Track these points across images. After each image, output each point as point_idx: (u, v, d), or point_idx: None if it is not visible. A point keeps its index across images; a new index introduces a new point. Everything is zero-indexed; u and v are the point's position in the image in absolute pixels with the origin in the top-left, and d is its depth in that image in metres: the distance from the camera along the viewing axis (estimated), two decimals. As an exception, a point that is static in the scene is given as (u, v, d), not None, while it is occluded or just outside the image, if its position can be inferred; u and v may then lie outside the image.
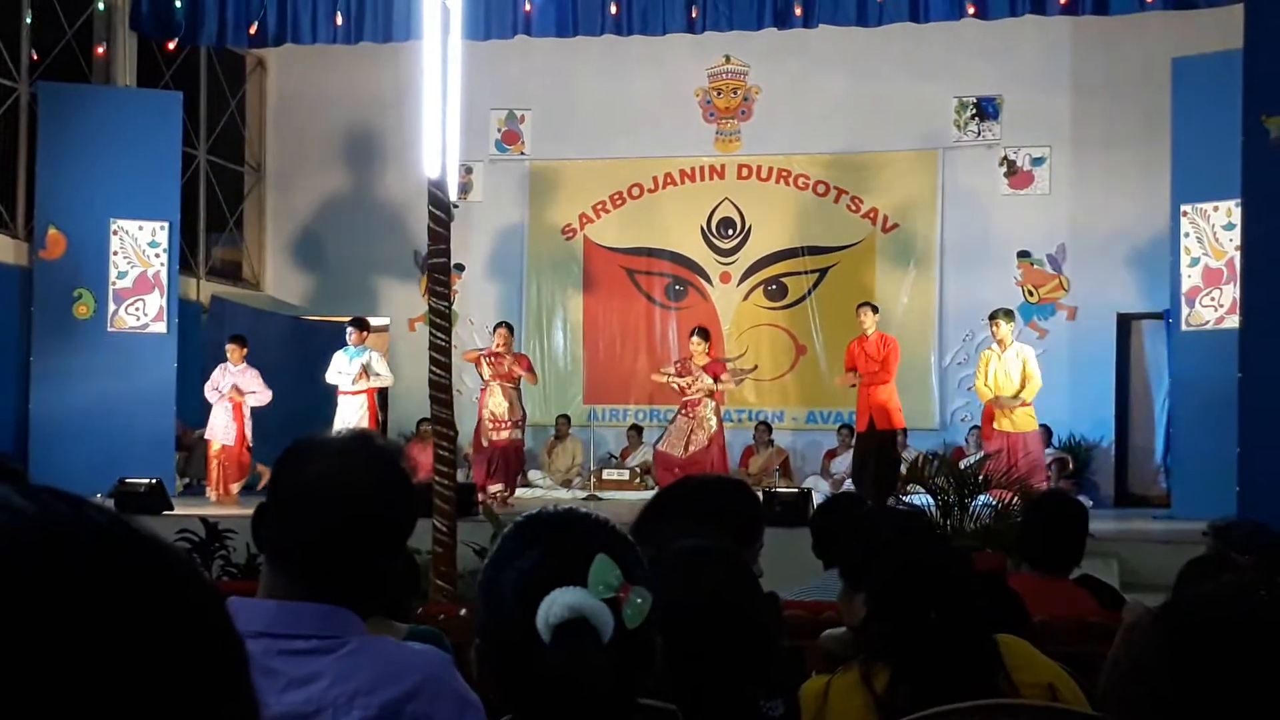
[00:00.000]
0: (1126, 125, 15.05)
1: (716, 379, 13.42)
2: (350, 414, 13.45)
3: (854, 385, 13.35)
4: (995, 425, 13.14)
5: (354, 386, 13.69)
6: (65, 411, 13.80)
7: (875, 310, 13.72)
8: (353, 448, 2.35)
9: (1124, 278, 15.64)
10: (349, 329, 14.05)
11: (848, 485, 13.55)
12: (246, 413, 13.74)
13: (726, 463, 13.73)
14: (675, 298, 17.07)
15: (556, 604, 1.54)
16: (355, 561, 2.20)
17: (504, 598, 1.63)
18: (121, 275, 14.53)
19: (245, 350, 13.92)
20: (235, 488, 13.36)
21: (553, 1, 14.41)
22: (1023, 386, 12.75)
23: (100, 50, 15.56)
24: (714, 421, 13.39)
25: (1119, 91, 15.19)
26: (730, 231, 17.17)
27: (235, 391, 13.61)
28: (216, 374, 13.82)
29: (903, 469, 12.33)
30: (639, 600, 1.57)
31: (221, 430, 13.65)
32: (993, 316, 13.34)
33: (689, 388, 13.36)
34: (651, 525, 3.33)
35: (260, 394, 13.76)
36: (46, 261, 14.35)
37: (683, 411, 13.54)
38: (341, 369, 13.73)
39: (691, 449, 13.29)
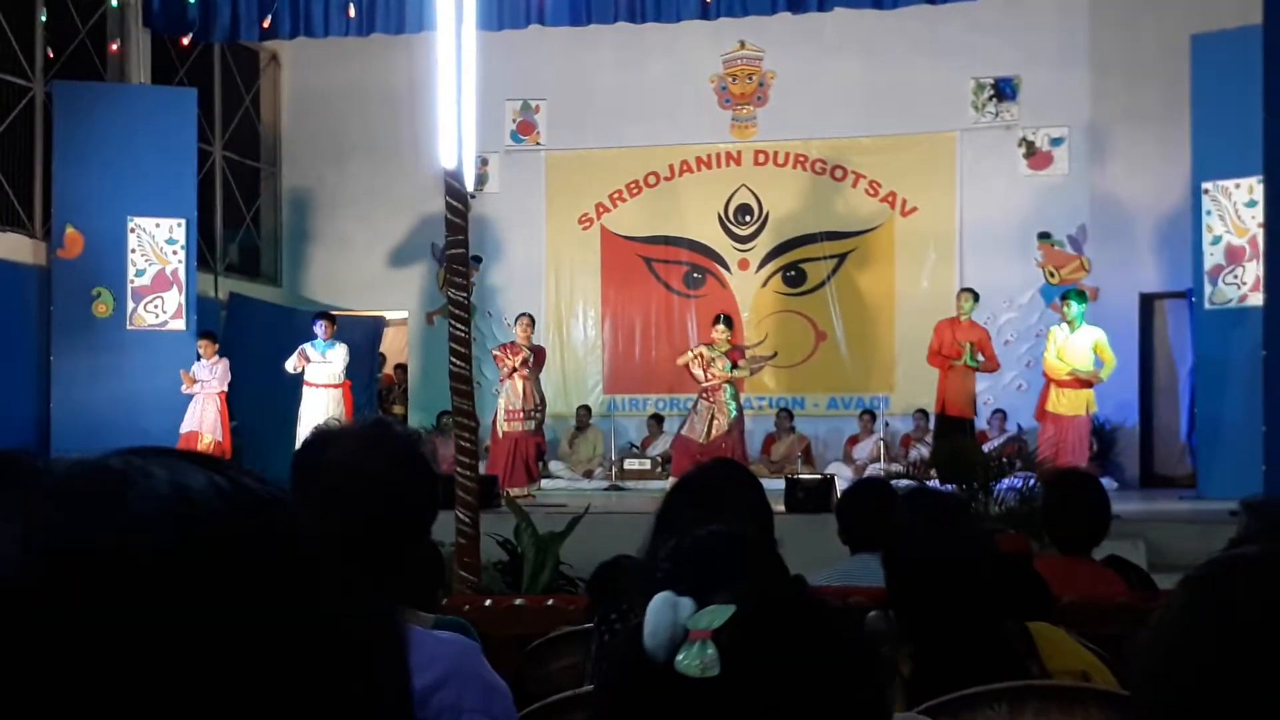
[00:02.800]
0: (1146, 103, 15.00)
1: (735, 365, 13.49)
2: (325, 407, 13.33)
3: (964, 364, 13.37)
4: (1049, 407, 13.03)
5: (325, 379, 13.76)
6: (86, 409, 13.85)
7: (976, 297, 13.84)
8: (372, 435, 2.36)
9: (1146, 257, 15.60)
10: (320, 322, 14.12)
11: (870, 470, 13.56)
12: (206, 408, 13.86)
13: (745, 448, 13.78)
14: (693, 286, 17.07)
15: (656, 598, 1.51)
16: (377, 551, 2.20)
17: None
18: (140, 273, 14.58)
19: (216, 344, 14.08)
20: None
21: (566, -11, 14.46)
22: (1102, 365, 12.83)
23: (114, 48, 15.59)
24: (734, 407, 13.44)
25: (1138, 69, 15.13)
26: (748, 218, 17.16)
27: (189, 381, 13.78)
28: (195, 366, 13.95)
29: (920, 453, 12.34)
30: (700, 653, 1.41)
31: (205, 421, 13.79)
32: (1064, 296, 13.44)
33: (706, 375, 13.38)
34: (673, 512, 3.35)
35: (216, 383, 13.87)
36: (65, 261, 14.40)
37: (704, 396, 13.58)
38: (313, 359, 13.79)
39: (714, 434, 13.32)
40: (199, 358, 13.96)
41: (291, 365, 13.77)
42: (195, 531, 0.68)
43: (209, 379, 13.82)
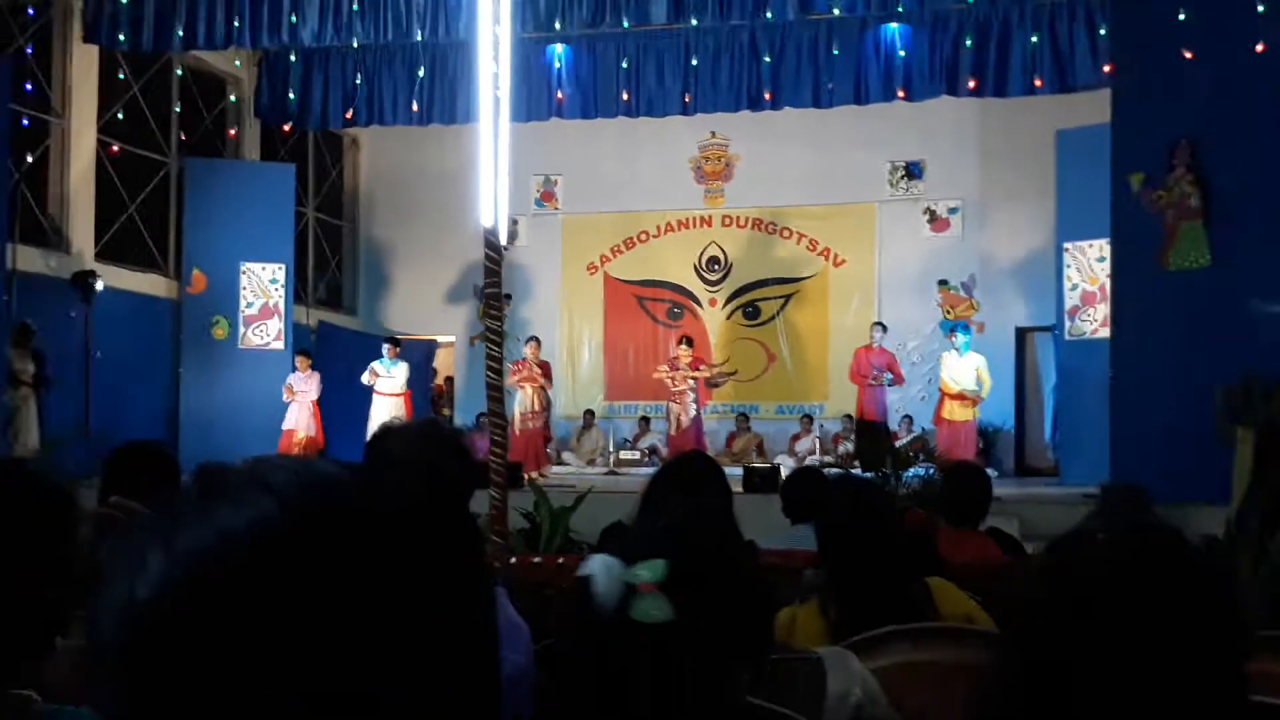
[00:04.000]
0: (1021, 182, 15.03)
1: (696, 370, 13.78)
2: (388, 412, 13.13)
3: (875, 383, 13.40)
4: (945, 415, 13.15)
5: (391, 389, 13.79)
6: (205, 410, 13.92)
7: (884, 329, 13.89)
8: (425, 430, 2.37)
9: (1020, 299, 15.64)
10: (386, 345, 14.18)
11: (808, 461, 13.58)
12: (302, 411, 13.82)
13: (703, 438, 13.86)
14: (674, 318, 17.07)
15: (594, 560, 1.49)
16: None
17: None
18: (249, 305, 14.61)
19: (310, 359, 14.09)
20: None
21: (578, 91, 14.48)
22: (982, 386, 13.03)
23: (232, 132, 15.65)
24: (694, 408, 13.66)
25: (1015, 156, 15.17)
26: (716, 267, 17.18)
27: (289, 391, 13.75)
28: (292, 377, 13.92)
29: (845, 448, 12.37)
30: (650, 604, 1.45)
31: (303, 422, 13.78)
32: (953, 329, 13.80)
33: (676, 382, 13.58)
34: (656, 492, 3.36)
35: (311, 392, 13.84)
36: (191, 295, 14.45)
37: (672, 399, 13.76)
38: (381, 374, 13.82)
39: (681, 427, 13.58)
40: (295, 370, 13.97)
41: (365, 379, 13.78)
42: (329, 494, 0.69)
43: (305, 389, 13.82)
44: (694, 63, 14.06)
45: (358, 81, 14.77)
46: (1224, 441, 8.00)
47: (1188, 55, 9.62)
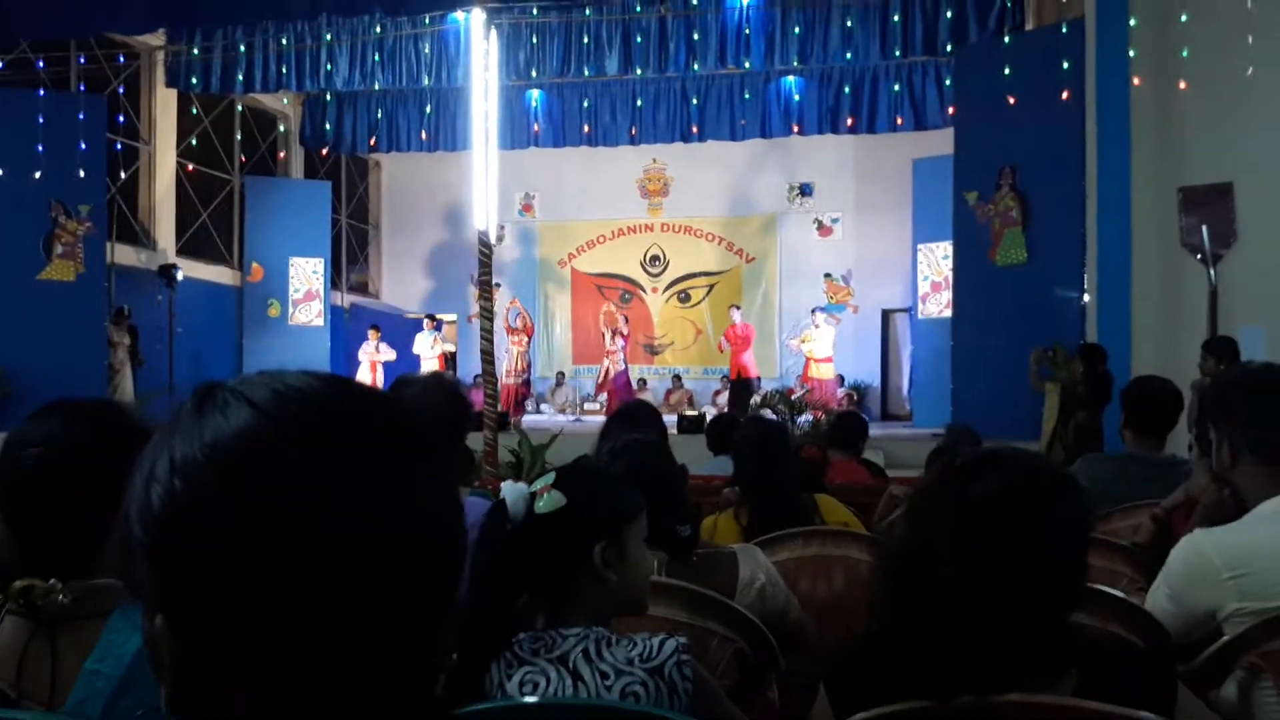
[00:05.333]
0: (888, 198, 15.06)
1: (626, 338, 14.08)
2: (429, 371, 13.49)
3: (729, 353, 13.57)
4: (811, 374, 13.31)
5: (431, 354, 13.83)
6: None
7: (738, 307, 14.06)
8: (431, 381, 2.35)
9: (886, 287, 15.70)
10: (425, 321, 14.29)
11: (725, 409, 13.65)
12: (380, 369, 13.71)
13: (630, 387, 14.13)
14: (626, 301, 16.99)
15: (501, 490, 1.50)
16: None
17: None
18: (296, 290, 14.39)
19: (379, 332, 13.96)
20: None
21: (550, 125, 14.38)
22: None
23: (281, 155, 15.39)
24: (622, 365, 13.89)
25: (882, 177, 15.21)
26: (657, 263, 17.09)
27: (375, 351, 13.69)
28: (365, 345, 13.85)
29: (755, 399, 12.44)
30: (547, 499, 1.49)
31: (366, 378, 13.66)
32: (814, 311, 13.62)
33: (610, 340, 13.94)
34: (610, 429, 3.35)
35: (388, 355, 13.80)
36: (251, 283, 14.23)
37: (606, 355, 13.97)
38: (422, 343, 13.88)
39: (609, 377, 13.85)
40: (368, 339, 13.87)
41: (415, 349, 13.87)
42: (300, 402, 0.65)
43: (376, 355, 13.73)
44: (639, 104, 13.98)
45: (379, 117, 14.58)
46: (1036, 392, 8.11)
47: (1011, 101, 9.69)
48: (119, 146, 12.11)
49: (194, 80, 12.39)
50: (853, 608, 2.73)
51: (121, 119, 12.18)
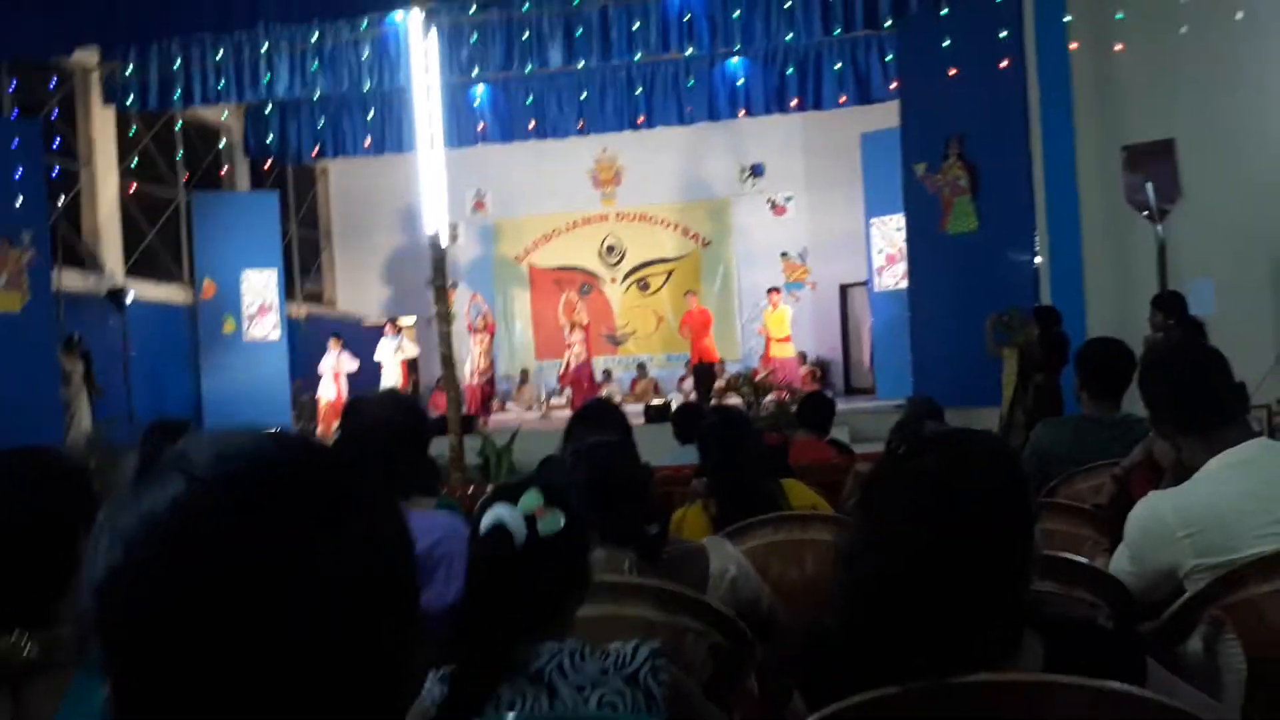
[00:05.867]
0: (837, 174, 15.09)
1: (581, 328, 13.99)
2: (391, 378, 13.56)
3: (689, 338, 13.63)
4: (772, 354, 13.39)
5: (393, 360, 13.80)
6: (222, 391, 13.54)
7: (696, 294, 14.14)
8: (385, 400, 2.34)
9: (842, 262, 15.70)
10: (386, 326, 14.26)
11: (691, 397, 13.68)
12: (343, 380, 13.64)
13: (593, 378, 14.15)
14: (585, 293, 16.86)
15: (490, 516, 1.46)
16: (397, 464, 2.18)
17: (474, 523, 1.52)
18: (250, 305, 14.18)
19: (341, 341, 13.88)
20: (334, 425, 13.18)
21: (497, 121, 14.30)
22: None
23: (226, 169, 15.18)
24: (583, 354, 13.80)
25: (832, 155, 15.24)
26: (614, 253, 17.05)
27: (336, 362, 13.61)
28: (326, 356, 13.78)
29: (719, 383, 12.51)
30: (551, 519, 1.46)
31: (328, 391, 13.57)
32: (770, 290, 13.69)
33: (571, 331, 13.88)
34: (573, 430, 3.35)
35: (351, 365, 13.74)
36: (205, 300, 14.02)
37: (568, 348, 13.91)
38: (384, 350, 13.80)
39: (571, 369, 13.79)
40: (329, 350, 13.76)
41: (377, 355, 13.83)
42: (307, 454, 0.67)
43: (338, 365, 13.64)
44: (585, 95, 13.92)
45: (323, 123, 14.42)
46: (994, 358, 8.21)
47: (953, 72, 9.76)
48: (57, 170, 11.88)
49: (131, 98, 12.18)
50: (825, 590, 2.75)
51: (58, 141, 11.95)
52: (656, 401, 12.34)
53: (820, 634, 1.40)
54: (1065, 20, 8.50)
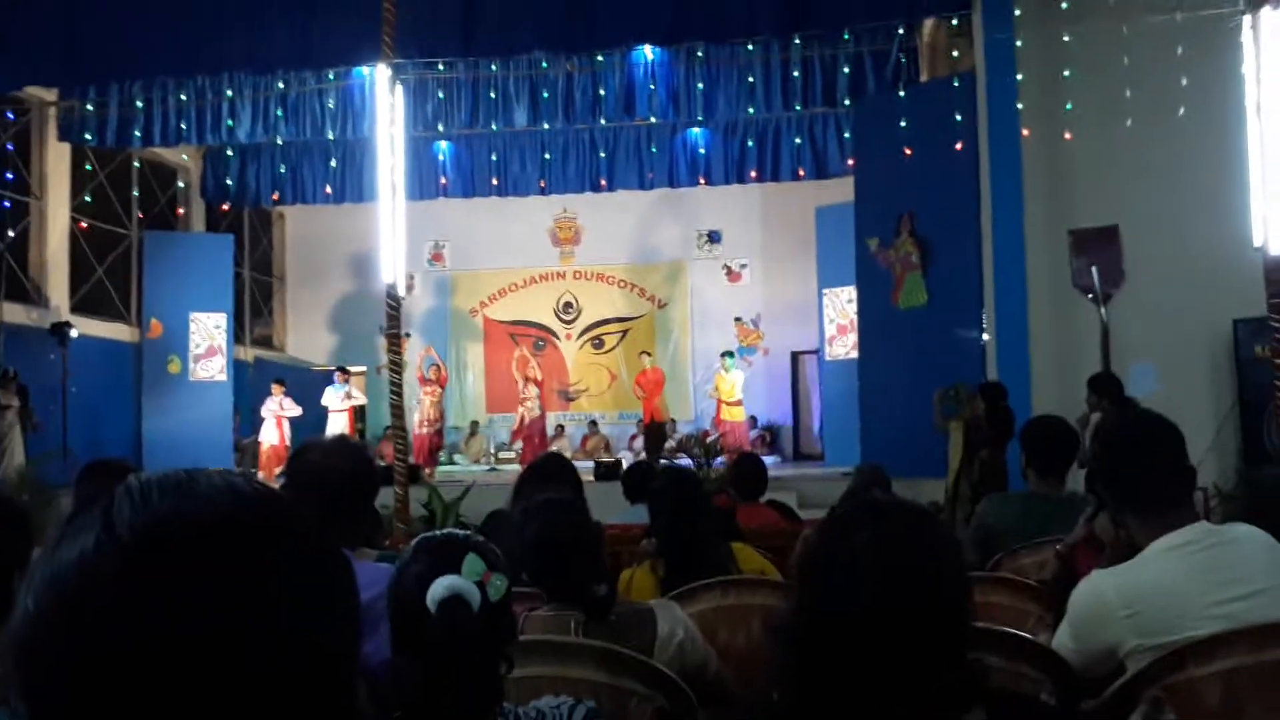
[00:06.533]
0: (793, 245, 15.35)
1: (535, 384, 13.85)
2: (338, 425, 13.26)
3: (642, 398, 13.63)
4: (723, 416, 13.45)
5: (340, 406, 13.54)
6: (164, 432, 13.25)
7: (651, 355, 14.10)
8: (335, 447, 2.30)
9: (794, 331, 15.94)
10: (335, 373, 14.03)
11: (642, 455, 13.65)
12: (286, 424, 13.40)
13: (545, 434, 13.97)
14: (539, 349, 16.88)
15: (440, 587, 1.45)
16: (341, 514, 2.14)
17: (407, 589, 1.51)
18: (198, 346, 13.99)
19: (284, 386, 13.65)
20: (276, 471, 12.93)
21: (459, 176, 14.37)
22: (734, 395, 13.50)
23: (181, 210, 15.04)
24: (537, 410, 13.65)
25: (787, 226, 15.52)
26: (570, 310, 17.12)
27: (279, 408, 13.37)
28: (268, 401, 13.51)
29: (671, 444, 12.52)
30: (498, 583, 1.50)
31: (270, 435, 13.31)
32: (723, 355, 13.79)
33: (524, 388, 13.71)
34: (524, 486, 3.32)
35: (293, 410, 13.49)
36: (150, 340, 13.79)
37: (521, 403, 13.79)
38: (331, 396, 13.58)
39: (525, 424, 13.61)
40: (271, 394, 13.49)
41: (324, 401, 13.57)
42: (236, 504, 0.64)
43: (280, 410, 13.37)
44: (548, 156, 14.07)
45: (283, 169, 14.38)
46: (940, 431, 8.29)
47: (908, 152, 10.01)
48: (8, 203, 11.68)
49: (88, 135, 12.05)
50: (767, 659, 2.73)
51: (10, 175, 11.77)
52: (607, 459, 12.29)
53: (764, 705, 1.39)
54: (1018, 108, 8.79)
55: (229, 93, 11.89)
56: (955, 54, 10.23)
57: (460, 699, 1.45)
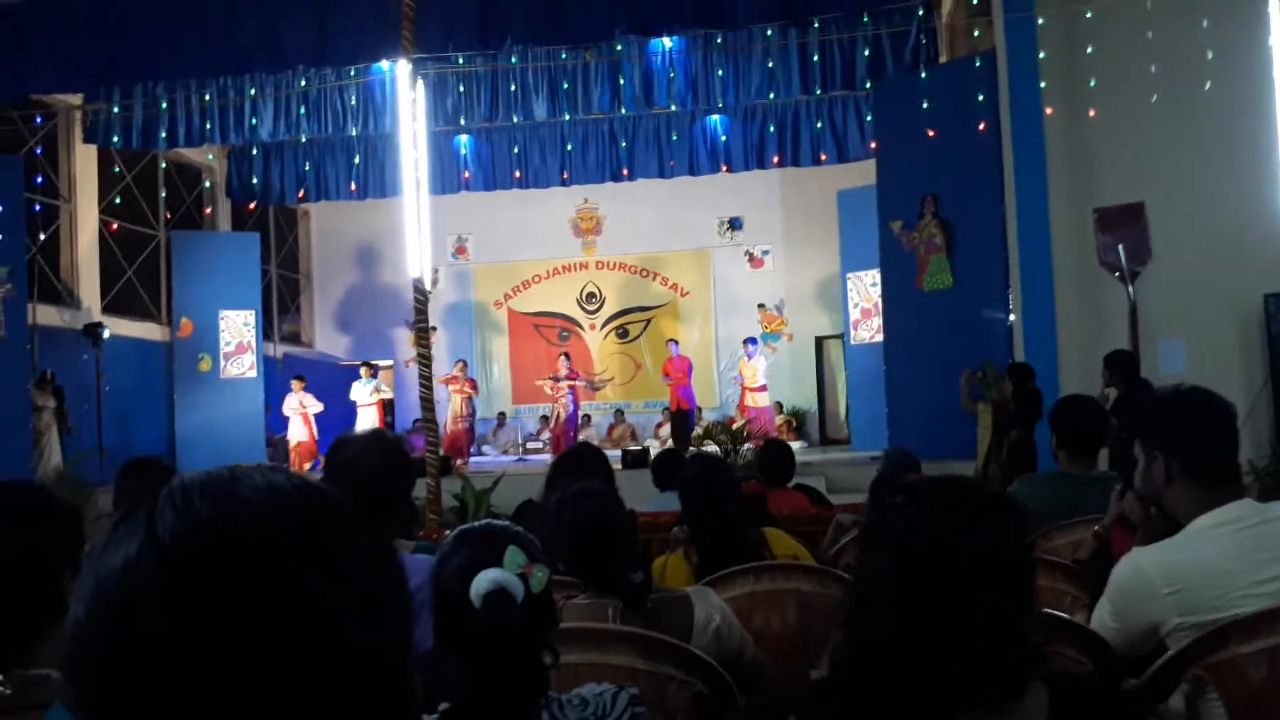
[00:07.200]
0: (814, 228, 15.31)
1: (574, 378, 13.67)
2: (367, 419, 13.32)
3: (669, 385, 13.61)
4: (748, 403, 13.42)
5: (369, 400, 13.62)
6: (196, 429, 13.38)
7: (676, 343, 14.13)
8: (372, 440, 2.31)
9: (818, 316, 15.93)
10: (362, 368, 14.12)
11: (669, 444, 13.64)
12: (313, 420, 13.49)
13: (575, 431, 13.76)
14: (564, 339, 16.96)
15: (484, 580, 1.46)
16: (377, 508, 2.15)
17: (449, 582, 1.50)
18: (227, 344, 14.08)
19: (304, 382, 13.71)
20: (307, 467, 13.04)
21: (480, 170, 14.38)
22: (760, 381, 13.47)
23: (208, 210, 15.15)
24: (571, 407, 13.52)
25: (809, 209, 15.47)
26: (593, 300, 17.12)
27: (300, 405, 13.41)
28: (288, 398, 13.59)
29: (697, 431, 12.49)
30: (540, 574, 1.50)
31: (298, 432, 13.40)
32: (745, 341, 13.75)
33: (556, 389, 13.52)
34: (556, 476, 3.32)
35: (315, 405, 13.55)
36: (181, 338, 13.89)
37: (554, 401, 13.71)
38: (360, 391, 13.69)
39: (560, 421, 13.49)
40: (291, 390, 13.59)
41: (352, 395, 13.66)
42: (280, 504, 0.63)
43: (302, 407, 13.46)
44: (569, 147, 14.05)
45: (307, 167, 14.44)
46: (969, 413, 8.25)
47: (930, 133, 9.93)
48: (38, 207, 11.81)
49: (115, 137, 12.15)
50: (806, 640, 2.73)
51: (40, 178, 11.89)
52: (634, 447, 12.30)
53: (822, 687, 1.39)
54: (1040, 86, 8.69)
55: (251, 91, 11.96)
56: (976, 33, 10.13)
57: (506, 690, 1.45)
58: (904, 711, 1.21)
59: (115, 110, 12.02)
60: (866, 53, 10.77)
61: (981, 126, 9.44)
